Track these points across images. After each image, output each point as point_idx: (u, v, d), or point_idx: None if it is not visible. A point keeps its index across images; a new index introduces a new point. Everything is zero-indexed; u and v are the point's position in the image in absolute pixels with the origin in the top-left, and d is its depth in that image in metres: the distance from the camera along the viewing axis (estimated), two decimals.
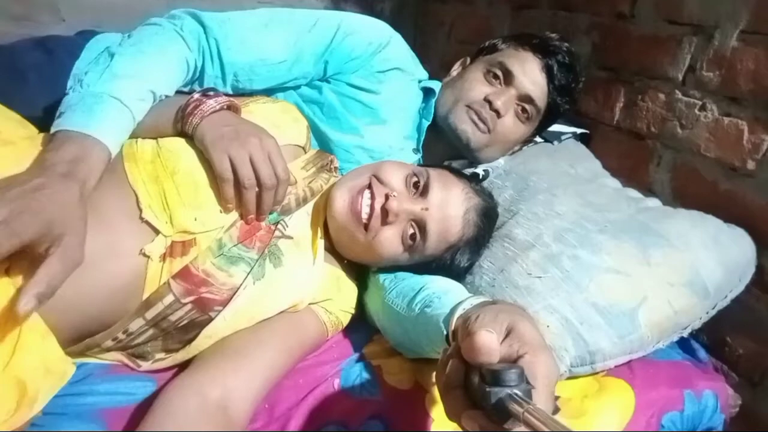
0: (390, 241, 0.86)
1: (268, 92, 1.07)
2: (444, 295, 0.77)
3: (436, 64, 1.31)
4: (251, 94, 1.03)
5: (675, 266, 0.91)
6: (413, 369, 0.87)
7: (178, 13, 0.96)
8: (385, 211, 0.84)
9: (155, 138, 0.83)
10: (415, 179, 0.88)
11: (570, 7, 1.44)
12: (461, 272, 0.95)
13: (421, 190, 0.87)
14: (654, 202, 1.11)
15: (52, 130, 0.73)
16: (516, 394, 0.41)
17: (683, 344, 1.01)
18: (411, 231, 0.86)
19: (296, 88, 1.12)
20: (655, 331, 0.88)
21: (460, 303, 0.68)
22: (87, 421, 0.72)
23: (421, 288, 0.83)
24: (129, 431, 0.71)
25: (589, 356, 0.85)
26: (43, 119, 0.92)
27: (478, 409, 0.44)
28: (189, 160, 0.80)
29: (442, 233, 0.87)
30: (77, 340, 0.76)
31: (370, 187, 0.86)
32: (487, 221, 0.94)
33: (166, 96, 0.86)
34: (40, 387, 0.69)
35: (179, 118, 0.82)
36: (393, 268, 0.93)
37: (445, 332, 0.68)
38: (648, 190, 1.20)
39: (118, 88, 0.78)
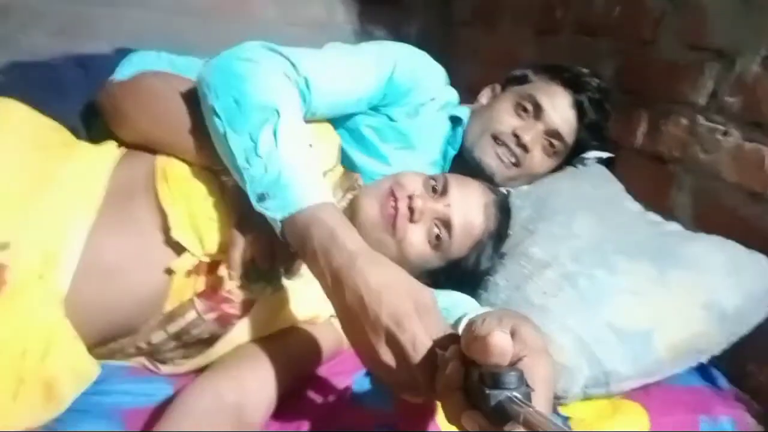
0: (418, 241, 0.88)
1: None
2: (453, 307, 0.80)
3: (462, 88, 1.33)
4: None
5: (693, 289, 0.91)
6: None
7: (255, 46, 0.86)
8: (411, 210, 0.87)
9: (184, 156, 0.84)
10: (433, 183, 0.92)
11: (593, 32, 1.45)
12: (484, 275, 0.96)
13: (440, 191, 0.91)
14: (674, 227, 1.10)
15: (277, 225, 0.68)
16: (516, 397, 0.41)
17: (703, 371, 0.99)
18: (436, 230, 0.89)
19: None
20: (671, 354, 0.87)
21: (466, 314, 0.70)
22: (107, 420, 0.74)
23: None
24: (147, 431, 0.73)
25: (603, 377, 0.85)
26: (78, 130, 0.98)
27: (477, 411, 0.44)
28: (220, 183, 0.82)
29: (467, 228, 0.90)
30: (101, 344, 0.79)
31: (392, 192, 0.89)
32: (505, 216, 0.98)
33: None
34: (67, 387, 0.72)
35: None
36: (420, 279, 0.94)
37: None
38: (669, 215, 1.19)
39: (288, 152, 0.71)
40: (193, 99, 0.84)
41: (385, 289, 0.57)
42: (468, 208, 0.91)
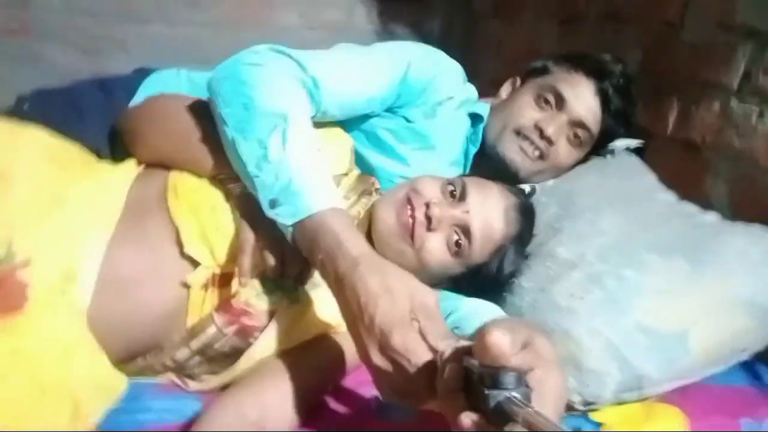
0: (437, 249, 0.86)
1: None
2: (475, 315, 0.78)
3: (486, 83, 1.30)
4: None
5: (730, 285, 0.87)
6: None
7: (262, 49, 0.86)
8: (428, 218, 0.85)
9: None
10: (451, 188, 0.90)
11: (617, 18, 1.40)
12: (508, 279, 0.94)
13: (458, 196, 0.89)
14: (711, 217, 1.04)
15: (287, 230, 0.69)
16: (515, 397, 0.41)
17: (747, 368, 0.94)
18: (456, 237, 0.87)
19: None
20: (708, 355, 0.83)
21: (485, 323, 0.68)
22: None
23: (451, 312, 0.83)
24: None
25: (636, 381, 0.82)
26: (100, 151, 1.00)
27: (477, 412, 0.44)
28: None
29: (487, 233, 0.87)
30: (128, 360, 0.80)
31: (409, 200, 0.88)
32: (528, 219, 0.95)
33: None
34: (92, 402, 0.73)
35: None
36: (442, 284, 0.93)
37: None
38: (706, 204, 1.14)
39: (296, 156, 0.72)
40: (202, 113, 0.86)
41: (383, 294, 0.58)
42: (488, 213, 0.88)
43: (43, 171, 0.82)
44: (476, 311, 0.79)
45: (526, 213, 0.95)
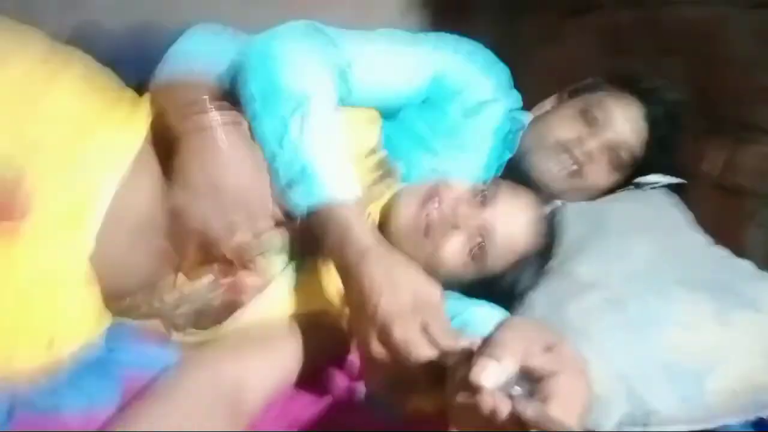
0: (456, 249, 0.83)
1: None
2: (482, 321, 0.74)
3: (528, 107, 1.27)
4: None
5: (758, 333, 0.80)
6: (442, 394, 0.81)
7: (298, 26, 0.84)
8: (453, 216, 0.82)
9: None
10: (481, 189, 0.87)
11: (668, 51, 1.35)
12: (521, 295, 0.90)
13: (488, 199, 0.85)
14: (745, 264, 0.99)
15: (298, 212, 0.70)
16: (516, 392, 0.42)
17: (761, 426, 0.87)
18: (478, 239, 0.83)
19: None
20: (725, 402, 0.77)
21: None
22: (105, 380, 0.72)
23: (461, 312, 0.79)
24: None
25: (643, 416, 0.76)
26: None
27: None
28: None
29: (510, 242, 0.84)
30: (118, 297, 0.77)
31: (438, 193, 0.85)
32: (553, 235, 0.92)
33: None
34: (70, 334, 0.71)
35: None
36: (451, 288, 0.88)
37: None
38: (742, 253, 1.07)
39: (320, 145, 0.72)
40: None
41: (388, 285, 0.59)
42: (514, 220, 0.85)
43: (75, 100, 0.79)
44: (488, 316, 0.75)
45: (552, 227, 0.92)
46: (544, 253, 0.90)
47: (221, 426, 0.64)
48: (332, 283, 0.80)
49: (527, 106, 1.26)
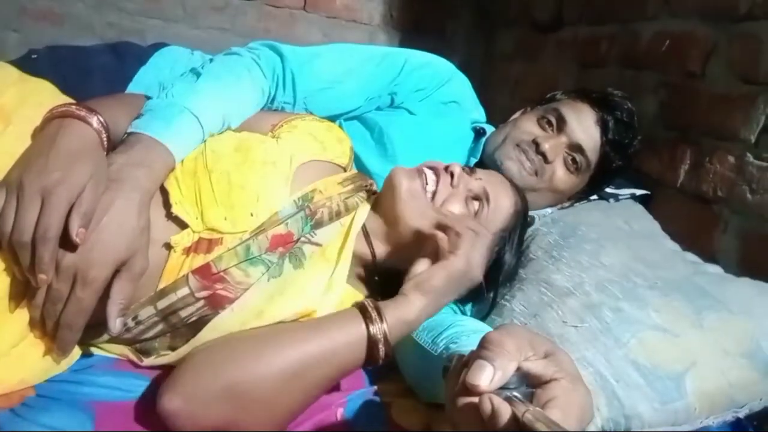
0: (459, 211, 0.87)
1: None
2: (474, 333, 0.74)
3: (501, 120, 1.30)
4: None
5: (732, 334, 0.81)
6: (427, 412, 0.80)
7: (256, 45, 1.00)
8: (451, 176, 0.88)
9: None
10: (467, 169, 0.93)
11: (638, 65, 1.39)
12: (508, 278, 0.95)
13: (473, 172, 0.93)
14: (714, 268, 1.01)
15: (129, 129, 0.76)
16: (516, 397, 0.42)
17: (739, 426, 0.88)
18: (475, 204, 0.89)
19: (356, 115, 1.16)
20: (704, 403, 0.77)
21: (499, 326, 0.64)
22: (76, 410, 0.70)
23: (450, 325, 0.79)
24: None
25: (624, 420, 0.75)
26: None
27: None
28: (228, 162, 0.80)
29: (498, 202, 0.90)
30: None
31: (429, 165, 0.90)
32: (525, 223, 0.99)
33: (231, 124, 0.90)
34: (40, 366, 0.70)
35: None
36: None
37: None
38: (711, 258, 1.10)
39: (199, 107, 0.81)
40: None
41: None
42: (499, 189, 0.92)
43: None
44: (476, 330, 0.75)
45: (525, 215, 0.97)
46: (520, 236, 0.96)
47: None
48: (306, 289, 0.79)
49: (500, 118, 1.30)
